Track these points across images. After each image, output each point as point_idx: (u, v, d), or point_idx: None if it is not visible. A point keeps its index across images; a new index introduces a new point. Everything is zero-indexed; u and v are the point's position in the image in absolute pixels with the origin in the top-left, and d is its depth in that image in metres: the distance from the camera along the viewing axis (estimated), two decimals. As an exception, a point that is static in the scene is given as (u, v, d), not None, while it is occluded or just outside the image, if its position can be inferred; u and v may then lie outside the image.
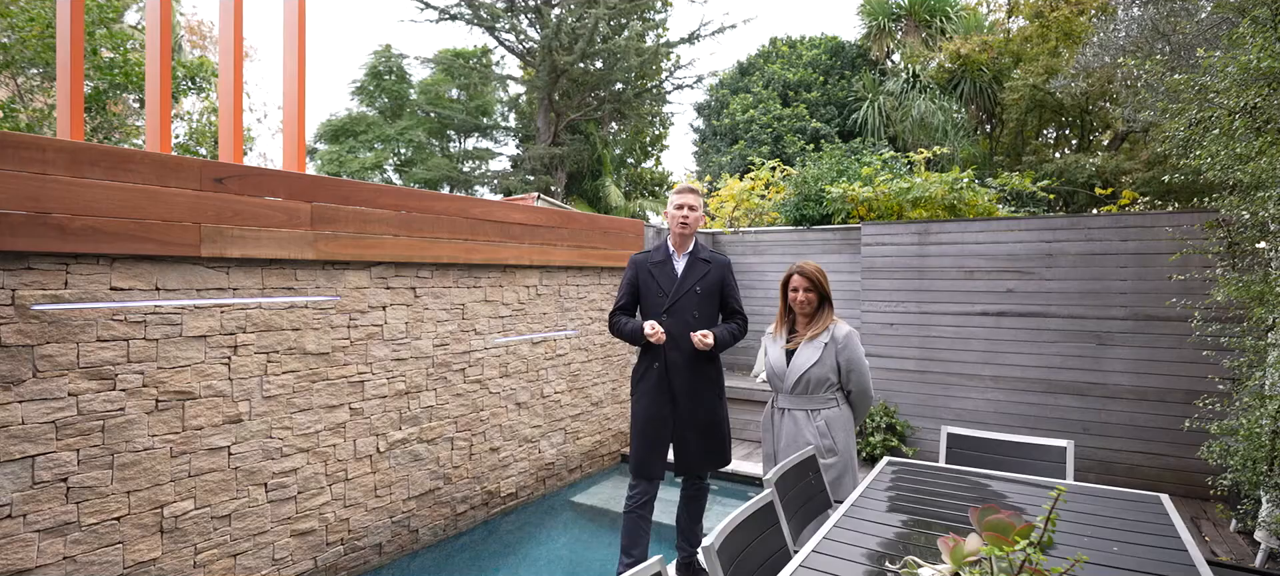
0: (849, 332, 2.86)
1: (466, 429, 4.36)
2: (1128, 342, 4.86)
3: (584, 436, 5.44)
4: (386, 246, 3.77)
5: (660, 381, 3.08)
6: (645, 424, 3.09)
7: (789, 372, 2.88)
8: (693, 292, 3.10)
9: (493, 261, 4.48)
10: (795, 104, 15.25)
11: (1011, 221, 5.28)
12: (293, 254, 3.30)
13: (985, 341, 5.35)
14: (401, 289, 3.93)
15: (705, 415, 3.11)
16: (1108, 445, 4.91)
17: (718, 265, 3.21)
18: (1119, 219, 4.92)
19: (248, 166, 3.15)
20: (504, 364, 4.64)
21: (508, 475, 4.70)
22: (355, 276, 3.66)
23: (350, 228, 3.58)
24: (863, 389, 2.88)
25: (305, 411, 3.42)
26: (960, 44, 10.53)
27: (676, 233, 3.18)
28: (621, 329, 3.18)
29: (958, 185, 5.78)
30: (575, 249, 5.23)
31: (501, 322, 4.63)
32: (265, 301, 3.23)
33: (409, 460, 3.98)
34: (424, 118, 22.06)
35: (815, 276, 2.89)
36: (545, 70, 18.15)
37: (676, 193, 3.20)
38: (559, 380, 5.16)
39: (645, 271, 3.19)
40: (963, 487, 2.46)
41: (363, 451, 3.71)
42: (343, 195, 3.54)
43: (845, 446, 2.85)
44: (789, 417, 2.91)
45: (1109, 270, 4.93)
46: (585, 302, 5.44)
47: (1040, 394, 5.15)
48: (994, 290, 5.31)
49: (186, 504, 2.94)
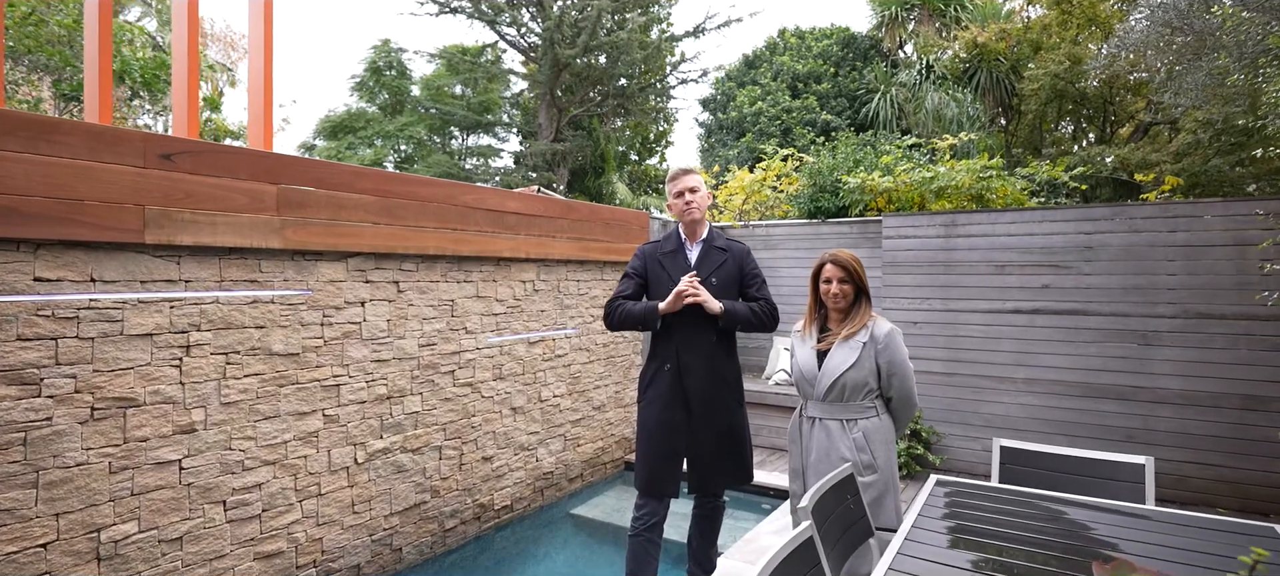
0: (891, 331, 2.47)
1: (456, 436, 3.99)
2: (1177, 343, 4.46)
3: (585, 443, 5.07)
4: (365, 236, 3.40)
5: (672, 385, 2.71)
6: (655, 434, 2.72)
7: (821, 377, 2.50)
8: (708, 284, 2.73)
9: (485, 254, 4.10)
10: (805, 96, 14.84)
11: (1047, 212, 4.89)
12: (256, 242, 2.93)
13: (1018, 341, 4.95)
14: (382, 283, 3.55)
15: (724, 423, 2.73)
16: (1154, 453, 4.51)
17: (736, 253, 2.83)
18: (1166, 208, 4.52)
19: (201, 142, 2.78)
20: (498, 365, 4.27)
21: (502, 486, 4.32)
22: (329, 268, 3.29)
23: (323, 214, 3.20)
24: (906, 396, 2.50)
25: (271, 419, 3.04)
26: (977, 33, 10.12)
27: (684, 221, 2.82)
28: (629, 312, 2.77)
29: (985, 174, 5.39)
30: (576, 241, 4.86)
31: (495, 320, 4.25)
32: (224, 295, 2.86)
33: (391, 471, 3.61)
34: (425, 114, 21.71)
35: (851, 266, 2.51)
36: (547, 64, 17.78)
37: (672, 179, 2.86)
38: (558, 383, 4.79)
39: (655, 263, 2.82)
40: (1033, 514, 2.08)
41: (338, 462, 3.34)
42: (315, 177, 3.17)
43: (886, 462, 2.47)
44: (820, 428, 2.52)
45: (1155, 264, 4.54)
46: (587, 299, 5.07)
47: (1078, 398, 4.75)
48: (1028, 286, 4.92)
49: (129, 526, 2.57)
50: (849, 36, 15.45)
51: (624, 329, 2.86)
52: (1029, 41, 9.69)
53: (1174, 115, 9.91)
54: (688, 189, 2.78)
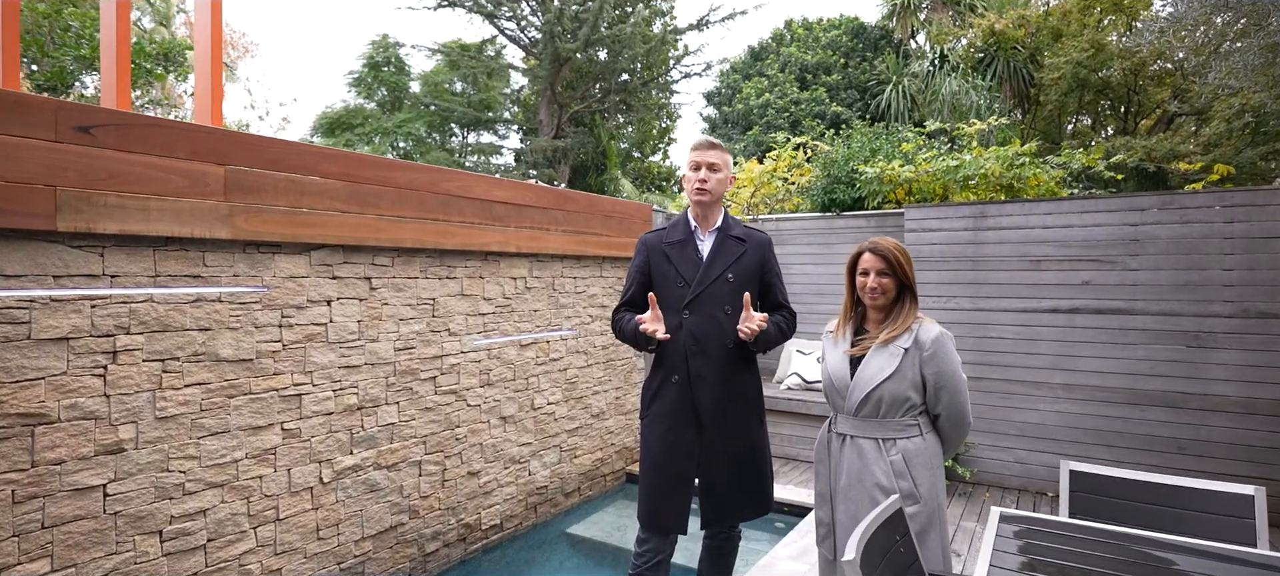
0: (939, 336, 2.07)
1: (438, 450, 3.60)
2: (1234, 344, 4.05)
3: (583, 454, 4.67)
4: (331, 225, 3.00)
5: (681, 400, 2.30)
6: (661, 459, 2.32)
7: (854, 387, 2.10)
8: (723, 281, 2.32)
9: (471, 247, 3.71)
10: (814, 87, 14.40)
11: (1087, 201, 4.47)
12: (199, 231, 2.53)
13: (1055, 343, 4.54)
14: (352, 279, 3.16)
15: (742, 445, 2.33)
16: (1207, 468, 4.10)
17: (756, 244, 2.42)
18: (1222, 196, 4.10)
19: (129, 113, 2.39)
20: (485, 370, 3.88)
21: (490, 503, 3.93)
22: (289, 262, 2.90)
23: (282, 200, 2.81)
24: (957, 413, 2.09)
25: (219, 435, 2.65)
26: (995, 20, 9.69)
27: (694, 204, 2.41)
28: (622, 328, 2.43)
29: (1018, 161, 4.97)
30: (572, 235, 4.46)
31: (482, 321, 3.86)
32: (159, 293, 2.47)
33: (363, 491, 3.21)
34: (425, 110, 21.34)
35: (893, 256, 2.11)
36: (548, 59, 17.38)
37: (694, 149, 2.42)
38: (553, 389, 4.39)
39: (659, 255, 2.41)
40: (1129, 560, 1.67)
41: (300, 482, 2.95)
42: (271, 158, 2.78)
43: (930, 491, 2.06)
44: (852, 448, 2.12)
45: (1209, 257, 4.12)
46: (584, 298, 4.67)
47: (1123, 406, 4.34)
48: (1066, 283, 4.50)
49: (39, 565, 2.18)
50: (858, 26, 15.00)
51: (625, 343, 2.49)
52: (1049, 28, 9.26)
53: (1199, 106, 9.49)
54: (707, 164, 2.36)
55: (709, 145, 2.39)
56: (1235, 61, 5.10)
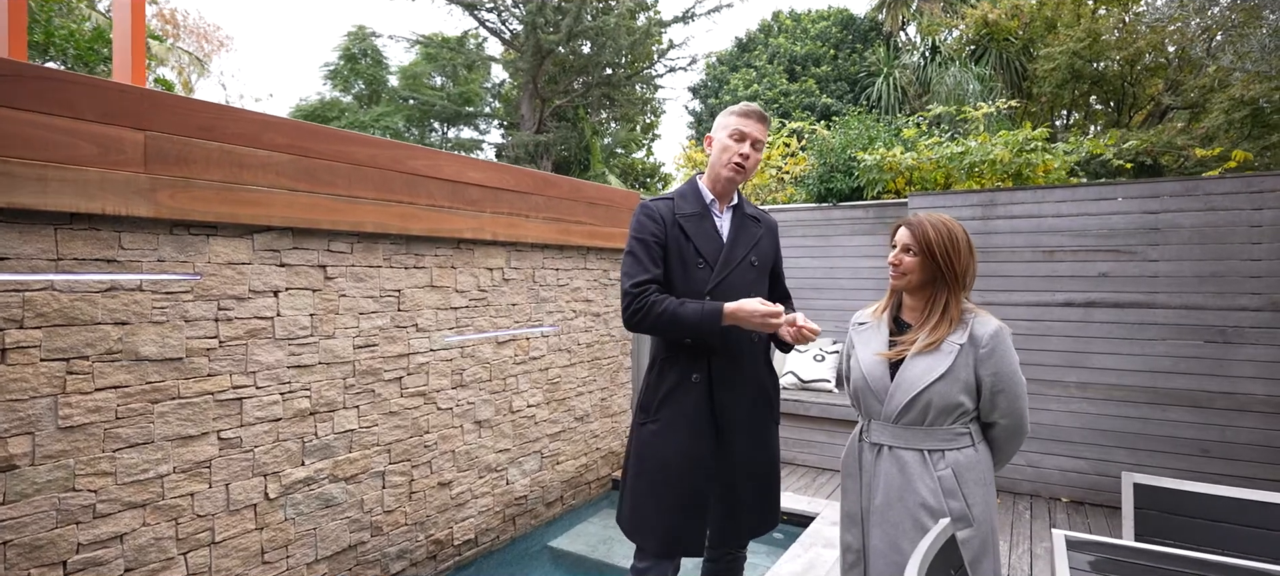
0: (997, 331, 1.75)
1: (404, 458, 3.22)
2: (1262, 339, 3.80)
3: (566, 460, 4.31)
4: (278, 205, 2.62)
5: (700, 404, 1.94)
6: (677, 473, 1.95)
7: (895, 390, 1.77)
8: (748, 265, 1.98)
9: (441, 233, 3.34)
10: (803, 79, 14.14)
11: (1104, 188, 4.20)
12: (112, 207, 2.15)
13: (1070, 338, 4.27)
14: (303, 267, 2.78)
15: (764, 458, 1.99)
16: (1235, 471, 3.84)
17: (769, 228, 2.12)
18: (1250, 181, 3.85)
19: (20, 62, 1.99)
20: (458, 370, 3.51)
21: (464, 516, 3.56)
22: (227, 247, 2.51)
23: (216, 174, 2.43)
24: (1016, 421, 1.77)
25: (140, 447, 2.27)
26: (988, 10, 9.47)
27: (726, 177, 2.02)
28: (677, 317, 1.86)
29: (1028, 146, 4.69)
30: (554, 222, 4.10)
31: (454, 316, 3.49)
32: (62, 279, 2.08)
33: (317, 507, 2.84)
34: (403, 104, 20.83)
35: (923, 232, 1.78)
36: (529, 51, 16.97)
37: (740, 115, 2.01)
38: (533, 390, 4.03)
39: (674, 227, 2.01)
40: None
41: (241, 499, 2.56)
42: (201, 124, 2.39)
43: (984, 511, 1.74)
44: (890, 460, 1.80)
45: (1236, 246, 3.87)
46: (567, 291, 4.31)
47: (1144, 405, 4.08)
48: (1082, 275, 4.23)
49: (-100, 609, 1.79)
50: (848, 18, 14.77)
51: (663, 335, 1.98)
52: (1043, 18, 9.06)
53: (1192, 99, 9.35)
54: (753, 138, 1.98)
55: (759, 117, 2.00)
56: (1249, 44, 4.90)
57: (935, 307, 1.80)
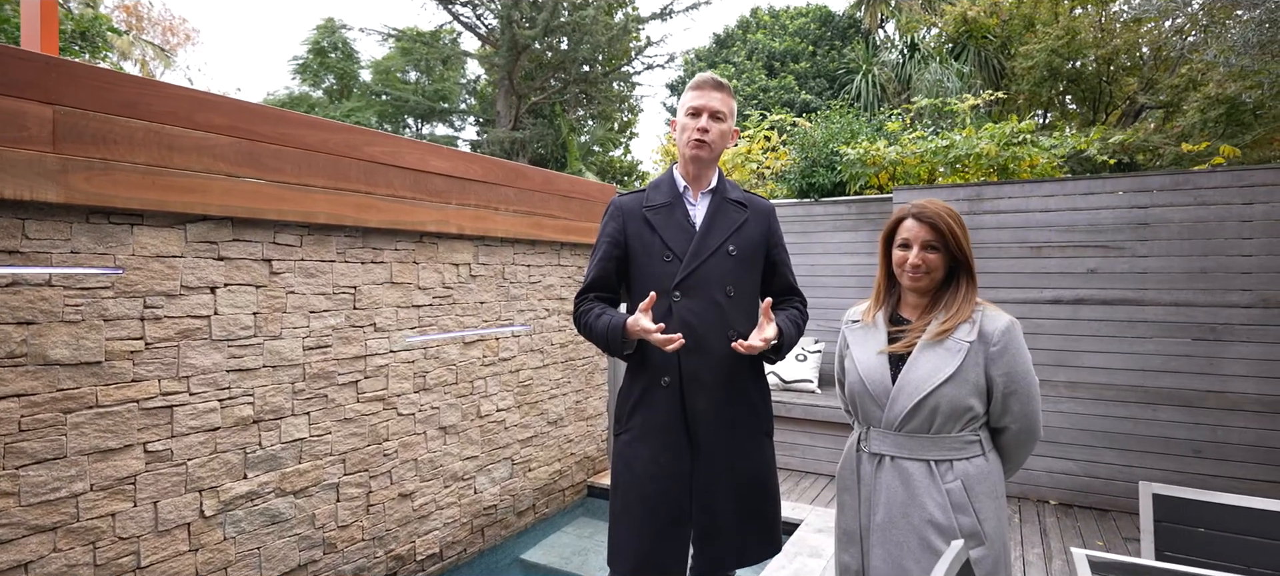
0: (1008, 327, 1.58)
1: (361, 468, 2.98)
2: (1254, 337, 3.71)
3: (538, 466, 4.09)
4: (215, 192, 2.37)
5: (671, 412, 1.76)
6: (651, 488, 1.76)
7: (897, 394, 1.59)
8: (723, 255, 1.79)
9: (402, 225, 3.11)
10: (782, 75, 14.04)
11: (1093, 182, 4.10)
12: (12, 191, 1.89)
13: (1058, 337, 4.16)
14: (246, 261, 2.53)
15: (750, 471, 1.80)
16: (1228, 471, 3.76)
17: (759, 211, 1.90)
18: (1241, 175, 3.76)
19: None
20: (421, 373, 3.28)
21: (427, 529, 3.33)
22: (154, 237, 2.26)
23: (141, 155, 2.17)
24: (1029, 425, 1.60)
25: (49, 462, 2.01)
26: (967, 7, 9.43)
27: (689, 158, 1.85)
28: (590, 324, 1.83)
29: (1016, 139, 4.58)
30: (525, 216, 3.88)
31: (417, 315, 3.26)
32: (-48, 272, 1.82)
33: (261, 524, 2.59)
34: (376, 100, 20.35)
35: (945, 224, 1.61)
36: (505, 46, 16.66)
37: (694, 88, 1.84)
38: (503, 393, 3.81)
39: (638, 221, 1.85)
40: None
41: (172, 518, 2.31)
42: (124, 100, 2.14)
43: (996, 527, 1.57)
44: (893, 472, 1.62)
45: (1227, 242, 3.78)
46: (539, 288, 4.09)
47: (1133, 405, 3.98)
48: (1070, 271, 4.12)
49: None
50: (826, 14, 14.71)
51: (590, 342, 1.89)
52: (1022, 16, 9.03)
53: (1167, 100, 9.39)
54: (709, 110, 1.80)
55: (714, 85, 1.81)
56: (1235, 37, 4.86)
57: (954, 298, 1.62)
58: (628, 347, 1.77)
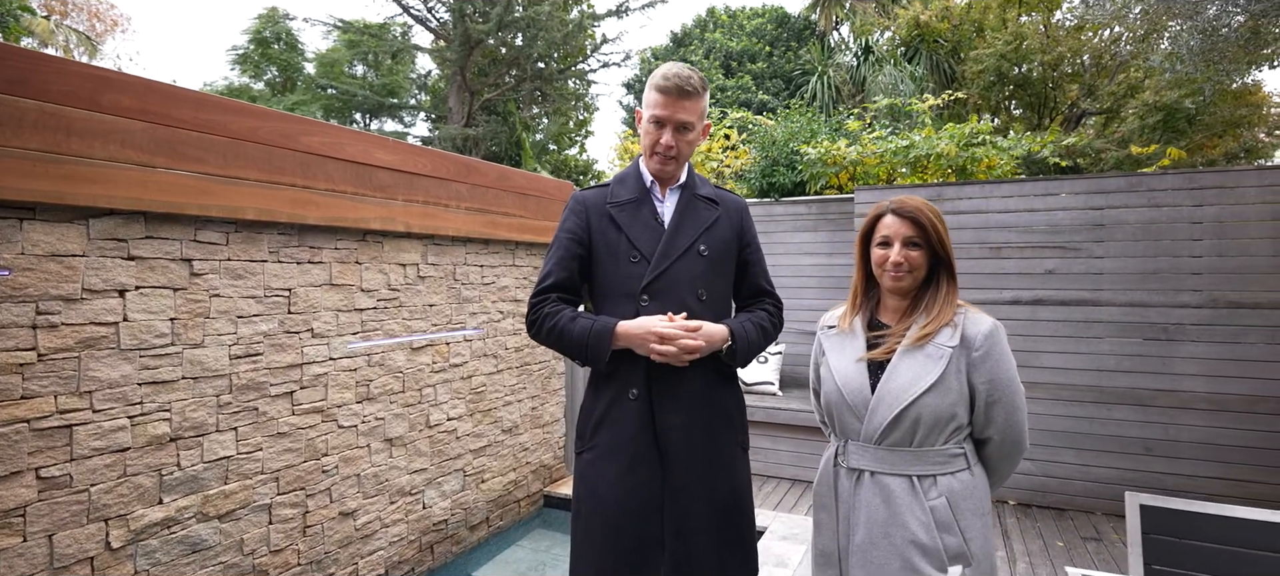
0: (991, 331, 1.49)
1: (297, 487, 2.74)
2: (1204, 337, 3.78)
3: (491, 477, 3.89)
4: (123, 183, 2.11)
5: (639, 428, 1.60)
6: (618, 511, 1.59)
7: (877, 404, 1.48)
8: (694, 255, 1.64)
9: (344, 222, 2.87)
10: (739, 75, 14.05)
11: (1051, 183, 4.13)
12: None
13: (1018, 337, 4.17)
14: (161, 261, 2.27)
15: (724, 487, 1.66)
16: (1177, 469, 3.82)
17: (731, 208, 1.76)
18: (1193, 177, 3.83)
19: None
20: (364, 381, 3.04)
21: (371, 549, 3.10)
22: (49, 234, 1.99)
23: (33, 140, 1.91)
24: (1014, 436, 1.51)
25: (-84, 494, 1.73)
26: (920, 11, 9.57)
27: (653, 167, 1.71)
28: (563, 331, 1.61)
29: (975, 140, 4.59)
30: (479, 213, 3.68)
31: (360, 319, 3.02)
32: None
33: (180, 553, 2.33)
34: (321, 93, 19.61)
35: (926, 219, 1.51)
36: (458, 41, 16.25)
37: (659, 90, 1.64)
38: (454, 401, 3.59)
39: (602, 218, 1.69)
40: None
41: (71, 553, 2.04)
42: (10, 77, 1.87)
43: (983, 547, 1.48)
44: (873, 488, 1.50)
45: (1179, 243, 3.84)
46: (493, 290, 3.89)
47: (1089, 404, 4.01)
48: (1029, 272, 4.14)
49: None
50: (783, 16, 14.80)
51: (559, 352, 1.69)
52: (972, 21, 9.21)
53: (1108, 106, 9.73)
54: (676, 122, 1.63)
55: (680, 92, 1.61)
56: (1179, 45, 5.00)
57: (935, 299, 1.52)
58: (606, 355, 1.59)
